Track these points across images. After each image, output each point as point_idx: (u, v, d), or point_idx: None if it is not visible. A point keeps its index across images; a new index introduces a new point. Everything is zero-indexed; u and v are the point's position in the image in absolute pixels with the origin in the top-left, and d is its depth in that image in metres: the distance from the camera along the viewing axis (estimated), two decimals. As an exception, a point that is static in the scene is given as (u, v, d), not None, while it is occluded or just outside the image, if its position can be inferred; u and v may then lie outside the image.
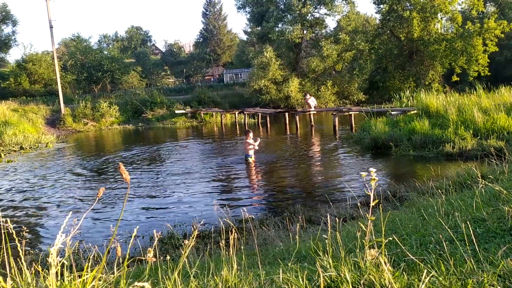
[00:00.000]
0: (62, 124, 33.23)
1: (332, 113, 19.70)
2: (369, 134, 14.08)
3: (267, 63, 36.25)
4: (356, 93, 38.32)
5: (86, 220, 7.65)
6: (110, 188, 10.28)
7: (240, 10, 43.05)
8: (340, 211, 6.63)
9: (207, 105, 37.73)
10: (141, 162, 14.29)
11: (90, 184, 11.21)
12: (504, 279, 2.09)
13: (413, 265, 2.42)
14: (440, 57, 32.75)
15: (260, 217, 7.04)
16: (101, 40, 79.93)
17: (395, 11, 33.66)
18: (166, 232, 6.30)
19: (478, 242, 2.65)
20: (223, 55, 75.23)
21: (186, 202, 8.65)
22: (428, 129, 12.47)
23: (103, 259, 1.62)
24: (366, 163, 11.25)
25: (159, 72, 63.03)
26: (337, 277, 2.17)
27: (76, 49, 47.91)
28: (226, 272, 2.40)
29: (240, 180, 10.64)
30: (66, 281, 1.69)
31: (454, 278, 2.11)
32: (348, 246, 2.92)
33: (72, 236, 1.97)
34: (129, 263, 4.45)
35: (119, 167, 1.45)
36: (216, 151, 16.59)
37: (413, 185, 7.09)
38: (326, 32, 40.62)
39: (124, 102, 37.63)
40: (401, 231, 3.57)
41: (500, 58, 37.01)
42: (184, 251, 2.09)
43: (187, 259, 4.25)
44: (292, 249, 3.38)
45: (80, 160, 16.03)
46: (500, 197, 3.74)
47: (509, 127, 11.34)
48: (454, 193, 5.27)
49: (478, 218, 3.34)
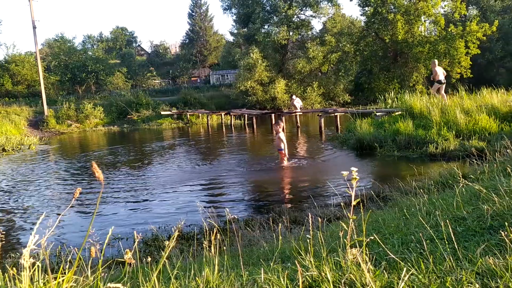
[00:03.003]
0: (45, 125, 32.77)
1: (318, 114, 19.80)
2: (355, 135, 14.17)
3: (253, 64, 36.28)
4: (342, 95, 38.60)
5: (72, 222, 7.56)
6: (96, 190, 10.16)
7: (226, 12, 43.08)
8: (325, 211, 6.65)
9: (193, 106, 37.60)
10: (125, 164, 14.16)
11: (73, 186, 11.06)
12: (482, 276, 2.11)
13: (394, 263, 2.43)
14: (423, 59, 33.15)
15: (246, 218, 7.03)
16: (86, 41, 78.93)
17: (379, 13, 33.97)
18: (151, 234, 6.24)
19: (458, 241, 2.68)
20: (210, 56, 75.00)
21: (172, 203, 8.59)
22: (412, 130, 12.61)
23: (76, 262, 1.59)
24: (351, 164, 11.29)
25: (144, 73, 62.54)
26: (318, 276, 2.18)
27: (59, 50, 47.32)
28: (208, 273, 2.38)
29: (226, 181, 10.61)
30: (41, 283, 1.65)
31: (433, 276, 2.13)
32: (330, 246, 2.93)
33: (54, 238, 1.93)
34: (112, 266, 4.40)
35: (91, 165, 1.43)
36: (202, 153, 16.54)
37: (397, 185, 7.15)
38: (312, 34, 40.87)
39: (109, 103, 37.28)
40: (384, 231, 3.60)
41: (482, 60, 37.63)
42: (165, 252, 2.07)
43: (169, 261, 4.22)
44: (276, 250, 3.38)
45: (63, 161, 15.82)
46: (480, 196, 3.80)
47: (490, 128, 11.52)
48: (436, 193, 5.33)
49: (458, 217, 3.38)
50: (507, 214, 3.04)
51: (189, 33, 75.40)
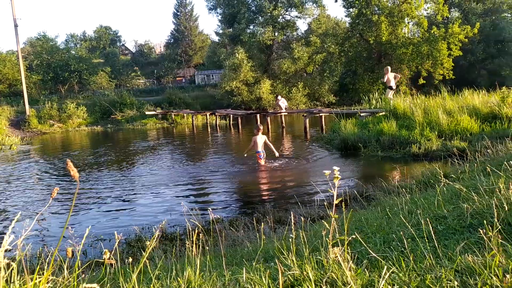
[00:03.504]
0: (27, 125, 32.23)
1: (303, 115, 19.87)
2: (339, 135, 14.26)
3: (238, 64, 36.27)
4: (327, 95, 38.84)
5: (55, 223, 7.45)
6: (80, 191, 10.02)
7: (212, 11, 43.03)
8: (309, 211, 6.68)
9: (178, 106, 37.40)
10: (109, 164, 14.00)
11: (54, 187, 10.88)
12: (461, 274, 2.14)
13: (376, 262, 2.45)
14: (407, 60, 33.59)
15: (230, 218, 7.01)
16: (68, 40, 77.84)
17: (364, 15, 34.31)
18: (134, 235, 6.19)
19: (438, 239, 2.71)
20: (195, 56, 74.71)
21: (156, 204, 8.52)
22: (396, 130, 12.74)
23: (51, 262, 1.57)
24: (336, 164, 11.36)
25: (129, 73, 61.97)
26: (300, 275, 2.18)
27: (42, 49, 46.58)
28: (190, 273, 2.37)
29: (211, 181, 10.56)
30: (17, 284, 1.62)
31: (413, 274, 2.15)
32: (313, 245, 2.94)
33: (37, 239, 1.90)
34: (93, 267, 4.34)
35: (67, 164, 1.41)
36: (186, 153, 16.45)
37: (380, 185, 7.22)
38: (297, 34, 41.05)
39: (93, 103, 36.84)
40: (366, 230, 3.63)
41: (464, 62, 38.27)
42: (146, 252, 2.05)
43: (152, 261, 4.18)
44: (259, 250, 3.38)
45: (45, 162, 15.57)
46: (461, 195, 3.86)
47: (472, 128, 11.72)
48: (418, 192, 5.39)
49: (439, 216, 3.43)
50: (486, 213, 3.09)
51: (174, 33, 75.03)
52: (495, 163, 5.44)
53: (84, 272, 3.56)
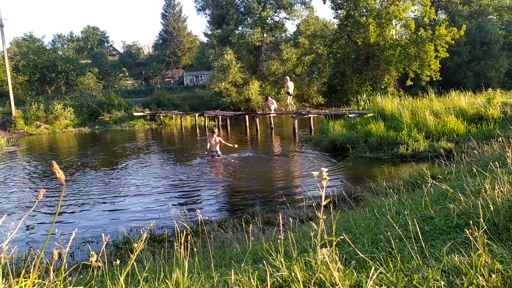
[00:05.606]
0: (13, 126, 31.79)
1: (292, 116, 19.90)
2: (328, 136, 14.32)
3: (227, 65, 36.20)
4: (315, 96, 38.96)
5: (42, 226, 7.35)
6: (68, 193, 9.91)
7: (200, 12, 42.87)
8: (298, 212, 6.70)
9: (167, 107, 37.21)
10: (96, 166, 13.87)
11: (41, 189, 10.75)
12: (448, 274, 2.16)
13: (364, 263, 2.47)
14: (395, 62, 33.86)
15: (219, 219, 7.00)
16: (55, 40, 76.88)
17: (352, 16, 34.51)
18: (122, 237, 6.14)
19: (425, 239, 2.74)
20: (183, 57, 74.39)
21: (144, 206, 8.47)
22: (384, 131, 12.83)
23: (37, 265, 1.55)
24: (324, 165, 11.44)
25: (117, 74, 61.45)
26: (288, 276, 2.18)
27: (28, 49, 45.95)
28: (178, 275, 2.35)
29: (199, 182, 10.53)
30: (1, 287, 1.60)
31: (401, 274, 2.17)
32: (302, 246, 2.95)
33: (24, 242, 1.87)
34: (80, 269, 4.30)
35: (52, 165, 1.39)
36: (175, 154, 16.37)
37: (368, 186, 7.26)
38: (286, 35, 41.11)
39: (80, 104, 36.45)
40: (355, 230, 3.64)
41: (450, 63, 38.72)
42: (133, 254, 2.03)
43: (140, 263, 4.15)
44: (248, 251, 3.38)
45: (31, 163, 15.38)
46: (447, 195, 3.89)
47: (458, 129, 11.86)
48: (405, 193, 5.44)
49: (426, 216, 3.46)
50: (472, 213, 3.12)
51: (162, 34, 74.60)
52: (481, 164, 5.52)
53: (71, 275, 3.52)
